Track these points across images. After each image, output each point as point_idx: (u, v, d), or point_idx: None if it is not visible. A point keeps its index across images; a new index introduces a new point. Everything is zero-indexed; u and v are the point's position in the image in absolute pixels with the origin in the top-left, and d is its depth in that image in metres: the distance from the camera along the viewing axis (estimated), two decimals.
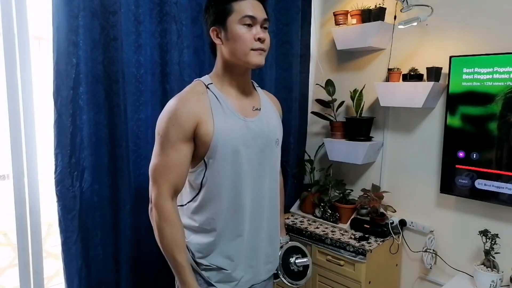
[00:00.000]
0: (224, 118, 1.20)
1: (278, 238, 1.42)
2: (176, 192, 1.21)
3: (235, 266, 1.28)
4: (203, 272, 1.27)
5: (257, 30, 1.18)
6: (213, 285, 1.27)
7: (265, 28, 1.21)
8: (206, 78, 1.27)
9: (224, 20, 1.18)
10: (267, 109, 1.34)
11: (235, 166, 1.21)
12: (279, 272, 1.45)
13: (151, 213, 1.21)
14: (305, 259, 1.48)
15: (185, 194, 1.29)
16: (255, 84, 1.38)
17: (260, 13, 1.19)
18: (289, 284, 1.46)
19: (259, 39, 1.18)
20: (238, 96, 1.27)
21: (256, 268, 1.33)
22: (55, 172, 1.54)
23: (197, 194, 1.24)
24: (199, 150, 1.20)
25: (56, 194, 1.55)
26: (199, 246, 1.26)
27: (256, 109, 1.29)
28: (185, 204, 1.30)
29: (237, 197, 1.23)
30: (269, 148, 1.29)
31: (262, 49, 1.20)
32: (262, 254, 1.33)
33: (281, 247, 1.49)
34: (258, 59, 1.19)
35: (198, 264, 1.28)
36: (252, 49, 1.18)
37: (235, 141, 1.20)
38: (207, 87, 1.23)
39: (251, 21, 1.17)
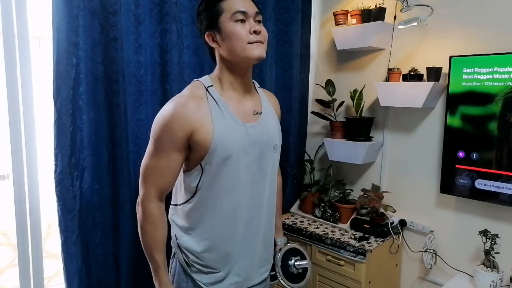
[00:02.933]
0: (223, 123, 1.17)
1: (272, 242, 1.41)
2: (163, 194, 1.23)
3: (228, 270, 1.27)
4: (194, 275, 1.27)
5: (250, 24, 1.15)
6: None
7: (259, 21, 1.19)
8: (206, 80, 1.24)
9: (216, 21, 1.17)
10: (267, 112, 1.31)
11: (233, 172, 1.19)
12: (278, 274, 1.44)
13: (137, 209, 1.24)
14: (304, 262, 1.47)
15: (180, 195, 1.29)
16: (256, 85, 1.36)
17: (250, 7, 1.17)
18: (287, 287, 1.45)
19: (254, 32, 1.15)
20: (240, 99, 1.24)
21: (250, 271, 1.32)
22: (55, 172, 1.54)
23: (192, 197, 1.23)
24: (197, 154, 1.18)
25: (56, 194, 1.55)
26: (191, 249, 1.26)
27: (257, 113, 1.27)
28: (180, 205, 1.29)
29: (233, 203, 1.22)
30: (268, 154, 1.28)
31: (260, 41, 1.16)
32: (256, 258, 1.33)
33: (280, 249, 1.48)
34: (257, 51, 1.16)
35: (189, 265, 1.28)
36: (249, 43, 1.15)
37: (234, 147, 1.18)
38: (207, 90, 1.20)
39: (243, 16, 1.15)
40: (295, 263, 1.45)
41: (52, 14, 1.48)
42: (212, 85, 1.22)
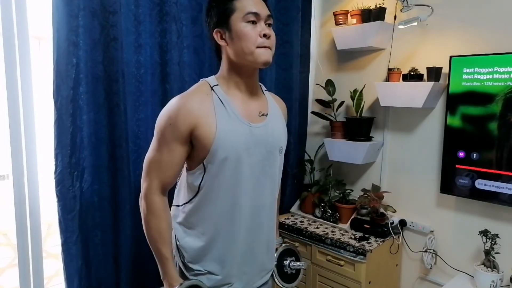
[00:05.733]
0: (227, 121, 1.16)
1: (274, 246, 1.41)
2: (165, 187, 1.22)
3: (227, 273, 1.25)
4: (192, 278, 1.26)
5: (262, 27, 1.14)
6: None
7: (269, 25, 1.18)
8: (212, 79, 1.23)
9: (227, 19, 1.15)
10: (274, 115, 1.29)
11: (235, 173, 1.18)
12: (274, 273, 1.43)
13: (140, 203, 1.23)
14: (300, 263, 1.47)
15: (183, 195, 1.28)
16: (263, 88, 1.35)
17: (263, 9, 1.16)
18: (281, 286, 1.44)
19: (264, 36, 1.14)
20: (245, 99, 1.22)
21: (250, 275, 1.31)
22: (55, 172, 1.54)
23: (194, 196, 1.23)
24: (199, 153, 1.17)
25: (56, 194, 1.55)
26: (192, 250, 1.25)
27: (263, 115, 1.25)
28: (181, 205, 1.28)
29: (235, 204, 1.21)
30: (273, 156, 1.26)
31: (268, 47, 1.16)
32: (258, 262, 1.32)
33: (276, 249, 1.46)
34: (264, 56, 1.15)
35: (188, 269, 1.27)
36: (258, 47, 1.14)
37: (237, 147, 1.16)
38: (212, 89, 1.19)
39: (255, 18, 1.14)
40: (290, 264, 1.45)
41: (52, 14, 1.48)
42: (217, 84, 1.21)
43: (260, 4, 1.17)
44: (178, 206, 1.30)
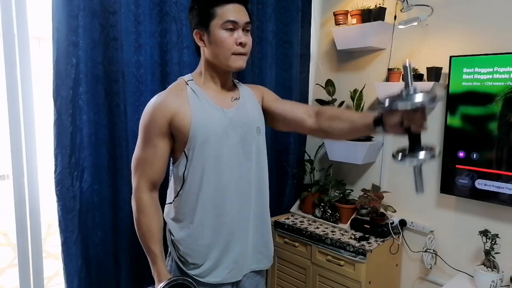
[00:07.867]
0: (202, 109, 1.23)
1: (267, 227, 1.41)
2: (154, 184, 1.26)
3: (221, 256, 1.28)
4: (189, 272, 1.28)
5: (238, 35, 1.21)
6: (202, 282, 1.27)
7: (247, 30, 1.24)
8: (187, 76, 1.31)
9: (207, 24, 1.21)
10: (246, 98, 1.35)
11: (216, 156, 1.24)
12: None
13: (132, 202, 1.28)
14: None
15: (173, 190, 1.32)
16: (236, 81, 1.41)
17: (242, 17, 1.21)
18: None
19: (240, 44, 1.21)
20: (219, 90, 1.30)
21: (244, 256, 1.33)
22: (55, 172, 1.54)
23: (181, 188, 1.27)
24: (180, 143, 1.23)
25: (56, 194, 1.55)
26: (184, 242, 1.28)
27: (235, 99, 1.32)
28: (172, 201, 1.32)
29: (220, 187, 1.25)
30: (251, 136, 1.31)
31: (243, 53, 1.24)
32: (249, 242, 1.34)
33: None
34: (238, 63, 1.24)
35: (183, 263, 1.29)
36: (234, 54, 1.22)
37: (214, 130, 1.23)
38: (187, 83, 1.28)
39: (233, 26, 1.20)
40: None
41: (52, 14, 1.48)
42: (192, 79, 1.29)
43: (240, 12, 1.22)
44: (170, 203, 1.34)
